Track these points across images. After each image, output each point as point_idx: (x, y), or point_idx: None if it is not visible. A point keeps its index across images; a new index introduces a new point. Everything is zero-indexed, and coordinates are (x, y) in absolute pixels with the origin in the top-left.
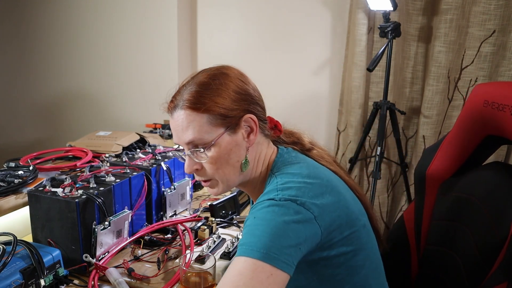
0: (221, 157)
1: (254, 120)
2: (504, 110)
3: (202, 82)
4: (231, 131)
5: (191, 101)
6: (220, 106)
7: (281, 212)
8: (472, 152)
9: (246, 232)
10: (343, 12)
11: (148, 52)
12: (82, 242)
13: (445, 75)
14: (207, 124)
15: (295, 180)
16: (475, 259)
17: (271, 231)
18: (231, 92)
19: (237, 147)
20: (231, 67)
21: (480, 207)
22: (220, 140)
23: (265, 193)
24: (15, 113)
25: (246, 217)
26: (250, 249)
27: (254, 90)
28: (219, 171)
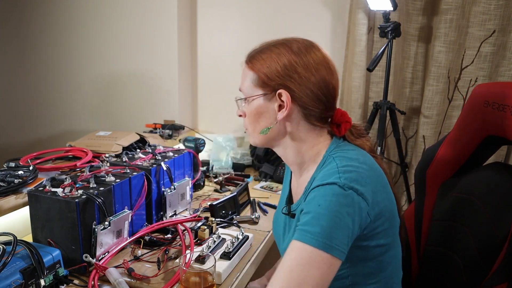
0: (252, 114)
1: (287, 99)
2: (505, 110)
3: (267, 45)
4: (266, 98)
5: (250, 57)
6: (262, 72)
7: (345, 203)
8: (472, 153)
9: (311, 218)
10: (343, 12)
11: (148, 52)
12: (82, 242)
13: (445, 75)
14: (251, 82)
15: (353, 164)
16: (475, 259)
17: (335, 224)
18: (280, 64)
19: (267, 114)
20: (314, 42)
21: (480, 208)
22: (255, 100)
23: (325, 173)
24: (15, 113)
25: (307, 193)
26: (314, 238)
27: (315, 76)
28: (250, 125)
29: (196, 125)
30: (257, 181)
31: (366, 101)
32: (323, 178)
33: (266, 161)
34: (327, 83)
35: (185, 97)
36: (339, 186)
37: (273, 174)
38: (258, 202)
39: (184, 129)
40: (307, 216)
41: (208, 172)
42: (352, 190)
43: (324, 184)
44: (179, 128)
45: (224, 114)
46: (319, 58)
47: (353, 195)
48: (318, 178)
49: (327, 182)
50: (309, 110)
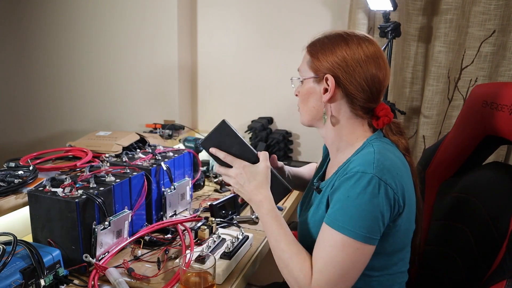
0: (303, 94)
1: (332, 83)
2: (503, 110)
3: (329, 34)
4: (315, 81)
5: (311, 43)
6: (318, 58)
7: (373, 193)
8: (471, 153)
9: (340, 207)
10: (343, 12)
11: (148, 52)
12: (82, 242)
13: (445, 75)
14: (306, 64)
15: (390, 156)
16: (474, 258)
17: (362, 214)
18: (336, 54)
19: (315, 95)
20: (370, 39)
21: (479, 207)
22: (306, 81)
23: (362, 159)
24: (15, 113)
25: (339, 172)
26: (342, 226)
27: (363, 68)
28: (301, 104)
29: (196, 125)
30: None
31: None
32: (358, 164)
33: None
34: (373, 76)
35: (185, 97)
36: (371, 176)
37: None
38: None
39: (184, 129)
40: (338, 204)
41: (208, 172)
42: (381, 181)
43: (358, 171)
44: (179, 128)
45: (224, 114)
46: (370, 52)
47: (382, 185)
48: (354, 162)
49: (361, 171)
50: (352, 98)
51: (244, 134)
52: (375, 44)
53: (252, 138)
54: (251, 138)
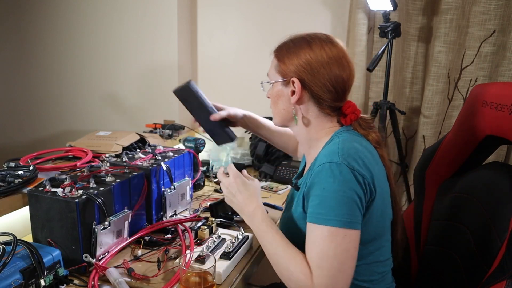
0: (273, 97)
1: (298, 86)
2: (503, 110)
3: (294, 37)
4: (283, 84)
5: (278, 47)
6: (284, 62)
7: (345, 179)
8: (471, 153)
9: (319, 202)
10: (343, 12)
11: (148, 52)
12: (82, 242)
13: (445, 75)
14: (274, 68)
15: (355, 146)
16: (474, 258)
17: (340, 201)
18: (300, 57)
19: (283, 98)
20: (333, 40)
21: (479, 207)
22: (275, 85)
23: (328, 150)
24: (15, 113)
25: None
26: (325, 218)
27: (326, 68)
28: (272, 106)
29: (196, 125)
30: None
31: (366, 101)
32: (325, 156)
33: (266, 161)
34: (337, 77)
35: None
36: (338, 164)
37: (273, 174)
38: None
39: (184, 129)
40: (316, 199)
41: (208, 172)
42: (350, 168)
43: (325, 162)
44: (179, 128)
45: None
46: (333, 54)
47: (352, 172)
48: (321, 154)
49: (328, 161)
50: (318, 98)
51: (244, 134)
52: (337, 45)
53: (252, 138)
54: (251, 138)
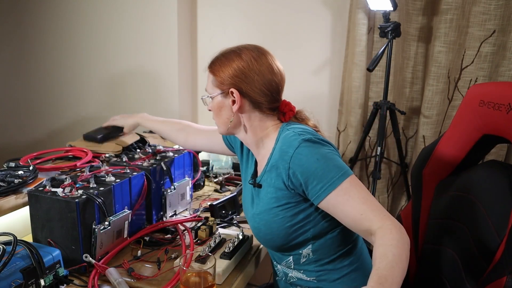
0: (215, 109)
1: (237, 95)
2: (500, 109)
3: (224, 52)
4: (223, 96)
5: (211, 62)
6: (220, 75)
7: (321, 144)
8: (468, 152)
9: (322, 173)
10: (343, 12)
11: (148, 52)
12: (82, 242)
13: (445, 75)
14: (211, 83)
15: (307, 129)
16: (473, 255)
17: (334, 158)
18: (231, 68)
19: (225, 108)
20: (261, 49)
21: (477, 205)
22: (215, 98)
23: (287, 139)
24: (15, 113)
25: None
26: (337, 178)
27: (258, 74)
28: (215, 117)
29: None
30: None
31: (366, 101)
32: (288, 145)
33: None
34: (270, 81)
35: (185, 97)
36: (306, 140)
37: None
38: None
39: None
40: (317, 174)
41: (208, 172)
42: (315, 137)
43: (297, 147)
44: None
45: None
46: (263, 61)
47: (319, 139)
48: (282, 146)
49: (297, 145)
50: (257, 102)
51: None
52: (266, 53)
53: None
54: None
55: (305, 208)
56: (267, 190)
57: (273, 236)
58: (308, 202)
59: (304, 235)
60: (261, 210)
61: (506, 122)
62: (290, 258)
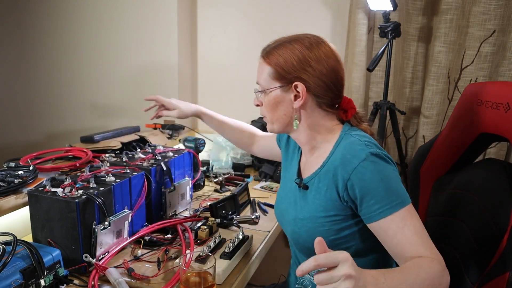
0: (270, 104)
1: (303, 89)
2: (499, 108)
3: (282, 41)
4: (283, 89)
5: (266, 52)
6: (279, 66)
7: (387, 163)
8: (465, 150)
9: (383, 195)
10: (343, 12)
11: (148, 52)
12: (82, 242)
13: (445, 75)
14: (267, 75)
15: (372, 140)
16: (474, 252)
17: (397, 181)
18: (294, 58)
19: (284, 103)
20: (320, 37)
21: (476, 202)
22: (272, 92)
23: (352, 148)
24: (15, 113)
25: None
26: (398, 202)
27: (326, 68)
28: (268, 113)
29: (196, 125)
30: (257, 181)
31: (366, 101)
32: (353, 155)
33: (266, 161)
34: (336, 74)
35: (185, 97)
36: (373, 154)
37: (273, 174)
38: (258, 202)
39: (184, 129)
40: (376, 195)
41: (208, 172)
42: (385, 156)
43: (360, 161)
44: (179, 128)
45: (224, 114)
46: (328, 52)
47: (386, 156)
48: (346, 155)
49: (363, 158)
50: (321, 98)
51: None
52: (326, 42)
53: None
54: None
55: (352, 224)
56: (315, 195)
57: (312, 244)
58: (356, 218)
59: (348, 251)
60: (306, 216)
61: (505, 121)
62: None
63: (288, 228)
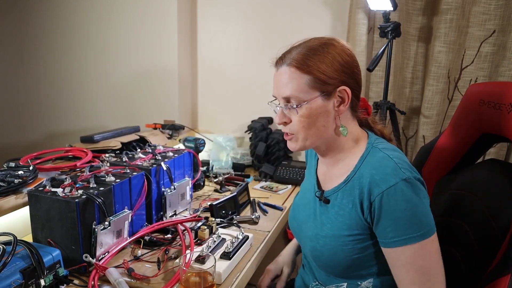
0: (310, 117)
1: (348, 93)
2: (501, 108)
3: (311, 47)
4: (325, 97)
5: (298, 61)
6: (322, 72)
7: (418, 191)
8: (467, 150)
9: (403, 224)
10: (343, 12)
11: (148, 52)
12: (82, 242)
13: (445, 75)
14: (306, 85)
15: (402, 157)
16: (475, 253)
17: (425, 213)
18: (335, 62)
19: (326, 113)
20: (340, 40)
21: (477, 203)
22: (312, 102)
23: (380, 169)
24: (15, 113)
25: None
26: (417, 235)
27: (356, 67)
28: (304, 129)
29: (196, 125)
30: (257, 181)
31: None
32: (383, 179)
33: (266, 161)
34: (360, 73)
35: (185, 97)
36: (405, 180)
37: (273, 174)
38: (258, 202)
39: (184, 129)
40: (398, 222)
41: (208, 172)
42: (416, 180)
43: (389, 187)
44: (179, 128)
45: (224, 114)
46: (351, 51)
47: (418, 185)
48: (375, 175)
49: (391, 184)
50: (355, 101)
51: (244, 134)
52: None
53: (252, 138)
54: (251, 138)
55: (375, 243)
56: (338, 212)
57: (335, 263)
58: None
59: (369, 269)
60: (329, 234)
61: (507, 122)
62: (344, 285)
63: (308, 244)
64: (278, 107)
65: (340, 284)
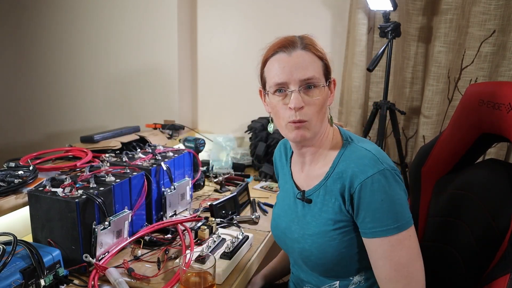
0: (322, 101)
1: (335, 84)
2: (501, 108)
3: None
4: (327, 85)
5: (314, 46)
6: (328, 61)
7: (396, 183)
8: (466, 150)
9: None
10: (343, 12)
11: (148, 52)
12: (82, 242)
13: (445, 75)
14: (320, 70)
15: (381, 152)
16: (474, 252)
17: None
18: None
19: (327, 100)
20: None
21: (477, 202)
22: (324, 88)
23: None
24: (15, 113)
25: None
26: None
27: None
28: (317, 114)
29: (196, 125)
30: (257, 181)
31: (366, 101)
32: (362, 170)
33: (266, 161)
34: None
35: (185, 97)
36: (385, 172)
37: (273, 174)
38: (258, 202)
39: (184, 129)
40: (375, 213)
41: (208, 172)
42: (395, 172)
43: (367, 177)
44: (179, 128)
45: (224, 114)
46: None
47: (396, 175)
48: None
49: (370, 174)
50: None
51: (244, 134)
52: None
53: (252, 138)
54: (251, 138)
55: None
56: (322, 208)
57: (326, 260)
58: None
59: (359, 263)
60: (315, 231)
61: (507, 122)
62: (336, 283)
63: (296, 247)
64: (290, 92)
65: (331, 283)
